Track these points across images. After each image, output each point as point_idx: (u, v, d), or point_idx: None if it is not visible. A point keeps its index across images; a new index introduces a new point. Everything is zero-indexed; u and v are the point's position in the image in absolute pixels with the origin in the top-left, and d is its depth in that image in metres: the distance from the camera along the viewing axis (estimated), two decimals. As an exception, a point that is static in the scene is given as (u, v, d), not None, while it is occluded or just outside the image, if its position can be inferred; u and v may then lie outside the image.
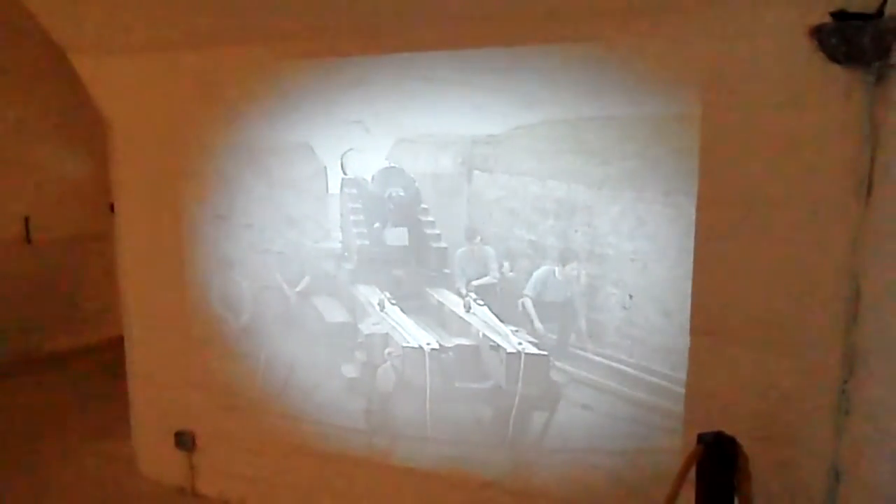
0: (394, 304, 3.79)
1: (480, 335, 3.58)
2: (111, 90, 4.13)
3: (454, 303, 3.71)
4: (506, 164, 3.43)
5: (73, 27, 3.94)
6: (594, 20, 2.83)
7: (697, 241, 2.78)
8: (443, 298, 3.77)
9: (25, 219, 6.56)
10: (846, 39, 2.32)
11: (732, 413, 2.70)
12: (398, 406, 3.75)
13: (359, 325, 3.83)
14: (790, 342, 2.60)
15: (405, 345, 3.64)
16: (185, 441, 4.31)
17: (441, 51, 3.26)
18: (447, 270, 3.75)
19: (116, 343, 4.83)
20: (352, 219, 3.87)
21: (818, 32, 2.37)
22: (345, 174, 3.84)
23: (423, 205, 3.77)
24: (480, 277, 3.64)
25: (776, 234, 2.58)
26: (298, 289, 3.99)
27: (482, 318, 3.61)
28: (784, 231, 2.56)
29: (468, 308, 3.65)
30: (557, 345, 3.42)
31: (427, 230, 3.77)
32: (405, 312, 3.79)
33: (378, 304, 3.78)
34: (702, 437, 2.62)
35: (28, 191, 6.55)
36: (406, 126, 3.62)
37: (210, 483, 4.33)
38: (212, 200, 4.06)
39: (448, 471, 3.63)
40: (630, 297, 3.16)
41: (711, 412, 2.75)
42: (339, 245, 3.93)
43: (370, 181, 3.82)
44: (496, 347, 3.49)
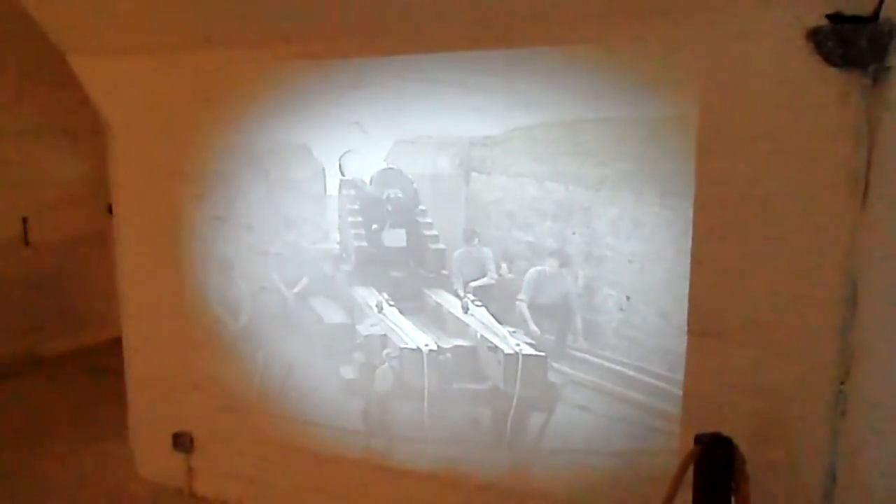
0: (392, 306, 3.80)
1: (478, 336, 3.58)
2: (109, 91, 4.12)
3: (452, 304, 3.72)
4: (504, 166, 3.44)
5: (72, 28, 3.94)
6: (591, 22, 2.83)
7: (694, 243, 2.77)
8: (441, 300, 3.77)
9: (23, 220, 6.55)
10: (843, 42, 2.32)
11: (729, 414, 2.70)
12: (396, 407, 3.75)
13: (357, 327, 3.83)
14: (787, 343, 2.60)
15: (403, 346, 3.64)
16: (183, 442, 4.30)
17: (439, 53, 3.26)
18: (445, 272, 3.75)
19: (115, 344, 4.83)
20: (350, 220, 3.87)
21: (815, 35, 2.37)
22: (343, 175, 3.84)
23: (421, 206, 3.77)
24: (478, 279, 3.64)
25: (773, 236, 2.58)
26: (296, 290, 3.99)
27: (480, 320, 3.61)
28: (781, 232, 2.56)
29: (466, 309, 3.65)
30: (555, 346, 3.43)
31: (425, 231, 3.78)
32: (403, 314, 3.79)
33: (376, 306, 3.78)
34: (699, 438, 2.61)
35: (26, 192, 6.51)
36: (404, 128, 3.63)
37: (208, 484, 4.33)
38: (210, 202, 4.05)
39: (446, 472, 3.63)
40: (627, 299, 3.16)
41: (708, 413, 2.75)
42: (338, 246, 3.94)
43: (368, 183, 3.83)
44: (494, 349, 3.50)
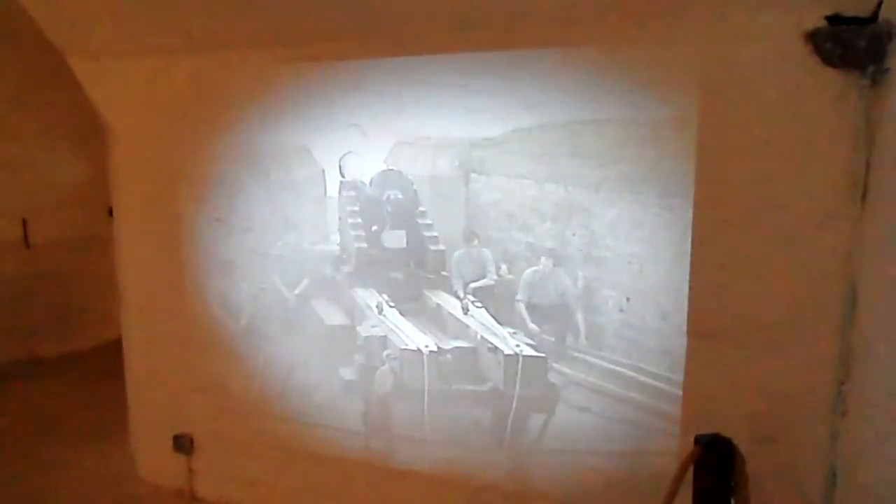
0: (392, 307, 3.80)
1: (478, 337, 3.58)
2: (110, 94, 4.13)
3: (452, 305, 3.72)
4: (503, 167, 3.44)
5: (73, 30, 3.95)
6: (590, 24, 2.83)
7: (694, 244, 2.77)
8: (441, 301, 3.77)
9: (24, 222, 6.55)
10: (841, 43, 2.33)
11: (729, 415, 2.70)
12: (396, 408, 3.75)
13: (357, 328, 3.83)
14: (787, 344, 2.60)
15: (403, 347, 3.64)
16: (184, 444, 4.31)
17: (438, 54, 3.27)
18: (445, 273, 3.75)
19: (115, 346, 4.84)
20: (350, 221, 3.87)
21: (813, 36, 2.38)
22: (343, 177, 3.85)
23: (421, 207, 3.77)
24: (478, 280, 3.65)
25: (772, 237, 2.58)
26: (297, 291, 3.99)
27: (480, 321, 3.61)
28: (780, 233, 2.57)
29: (466, 310, 3.65)
30: (555, 347, 3.43)
31: (425, 233, 3.78)
32: (403, 315, 3.79)
33: (376, 307, 3.79)
34: (699, 439, 2.62)
35: (26, 194, 6.53)
36: (404, 129, 3.63)
37: (208, 486, 4.33)
38: (210, 203, 4.06)
39: (446, 473, 3.64)
40: (627, 300, 3.16)
41: (708, 414, 2.75)
42: (338, 248, 3.94)
43: (368, 184, 3.83)
44: (494, 349, 3.50)
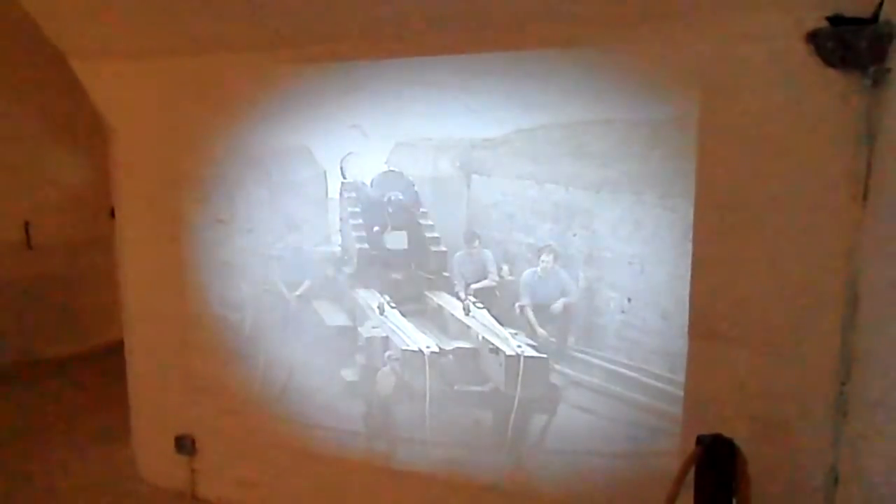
0: (393, 308, 3.80)
1: (480, 338, 3.58)
2: (112, 95, 4.14)
3: (453, 306, 3.72)
4: (504, 168, 3.44)
5: (74, 32, 3.96)
6: (591, 25, 2.84)
7: (695, 244, 2.78)
8: (442, 302, 3.77)
9: (26, 224, 6.57)
10: (842, 44, 2.33)
11: (731, 415, 2.70)
12: (398, 409, 3.75)
13: (358, 329, 3.83)
14: (788, 344, 2.60)
15: (405, 348, 3.65)
16: (186, 445, 4.31)
17: (439, 56, 3.27)
18: (446, 274, 3.76)
19: (117, 348, 4.84)
20: (351, 222, 3.88)
21: (815, 37, 2.38)
22: (344, 178, 3.85)
23: (422, 208, 3.78)
24: (479, 281, 3.65)
25: (774, 237, 2.58)
26: (298, 292, 4.00)
27: (481, 322, 3.61)
28: (782, 234, 2.57)
29: (467, 311, 3.65)
30: (556, 347, 3.43)
31: (426, 234, 3.78)
32: (405, 316, 3.80)
33: (378, 308, 3.79)
34: (700, 439, 2.61)
35: (28, 196, 6.55)
36: (405, 130, 3.64)
37: (210, 487, 4.33)
38: (212, 205, 4.06)
39: (447, 474, 3.64)
40: (628, 301, 3.16)
41: (710, 414, 2.75)
42: (339, 249, 3.94)
43: (369, 185, 3.83)
44: (495, 350, 3.50)
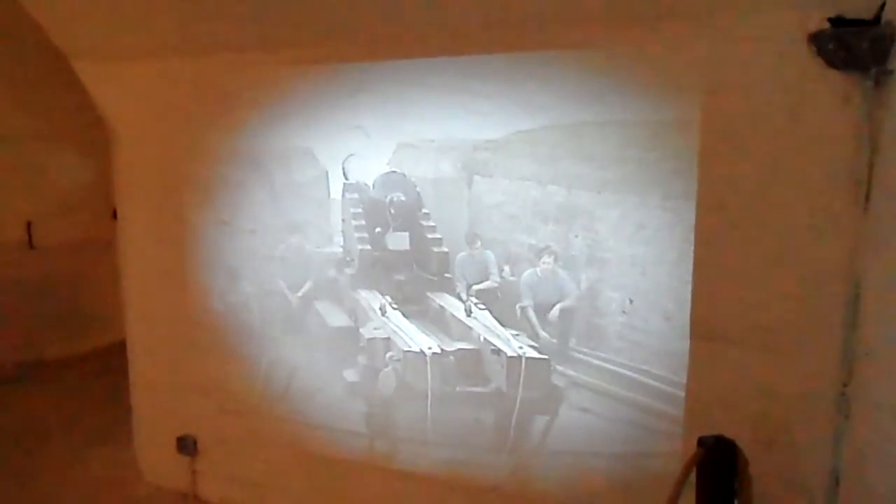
0: (395, 309, 3.80)
1: (481, 339, 3.59)
2: (114, 96, 4.14)
3: (455, 307, 3.72)
4: (506, 169, 3.44)
5: (76, 33, 3.96)
6: (593, 26, 2.84)
7: (697, 245, 2.78)
8: (444, 303, 3.78)
9: (28, 224, 6.57)
10: (844, 45, 2.33)
11: (732, 417, 2.70)
12: (399, 410, 3.76)
13: (360, 330, 3.84)
14: (790, 346, 2.60)
15: (406, 349, 3.65)
16: (187, 446, 4.31)
17: (441, 57, 3.27)
18: (448, 275, 3.76)
19: (119, 348, 4.84)
20: (353, 224, 3.88)
21: (816, 38, 2.38)
22: (346, 179, 3.85)
23: (424, 209, 3.78)
24: (481, 282, 3.65)
25: (775, 238, 2.58)
26: (300, 293, 4.00)
27: (483, 323, 3.62)
28: (783, 235, 2.57)
29: (469, 312, 3.66)
30: (558, 348, 3.43)
31: (428, 235, 3.78)
32: (407, 317, 3.80)
33: (379, 309, 3.79)
34: (702, 441, 2.62)
35: (31, 196, 6.55)
36: (407, 131, 3.64)
37: (212, 488, 4.34)
38: (214, 206, 4.07)
39: (449, 475, 3.64)
40: (630, 302, 3.17)
41: (711, 416, 2.75)
42: (341, 250, 3.95)
43: (371, 186, 3.84)
44: (497, 351, 3.50)
